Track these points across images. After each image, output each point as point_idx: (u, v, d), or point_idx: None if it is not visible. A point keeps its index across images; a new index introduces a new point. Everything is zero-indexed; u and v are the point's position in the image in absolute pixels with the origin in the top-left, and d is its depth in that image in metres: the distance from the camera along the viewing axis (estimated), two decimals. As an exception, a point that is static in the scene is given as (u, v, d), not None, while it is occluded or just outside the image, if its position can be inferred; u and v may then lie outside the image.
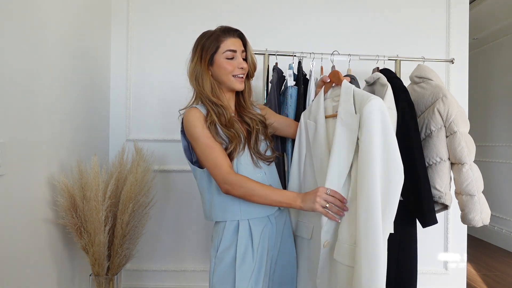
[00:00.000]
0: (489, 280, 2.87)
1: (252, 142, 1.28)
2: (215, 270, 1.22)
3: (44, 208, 1.56)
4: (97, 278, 1.70)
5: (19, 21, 1.38)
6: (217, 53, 1.24)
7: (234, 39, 1.26)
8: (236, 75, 1.26)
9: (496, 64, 3.89)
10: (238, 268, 1.18)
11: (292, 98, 1.70)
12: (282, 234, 1.32)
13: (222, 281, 1.20)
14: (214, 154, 1.19)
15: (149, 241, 2.29)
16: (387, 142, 1.12)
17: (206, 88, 1.25)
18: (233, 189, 1.17)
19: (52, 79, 1.62)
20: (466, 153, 1.44)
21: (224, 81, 1.27)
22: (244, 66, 1.27)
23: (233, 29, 1.27)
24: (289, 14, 2.35)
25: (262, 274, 1.22)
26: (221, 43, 1.24)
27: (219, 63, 1.25)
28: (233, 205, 1.23)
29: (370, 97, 1.16)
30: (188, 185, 2.33)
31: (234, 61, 1.25)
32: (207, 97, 1.24)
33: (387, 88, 1.39)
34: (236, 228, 1.22)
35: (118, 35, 2.32)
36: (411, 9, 2.37)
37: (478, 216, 1.47)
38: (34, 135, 1.48)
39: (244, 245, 1.20)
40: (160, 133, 2.34)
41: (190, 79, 1.28)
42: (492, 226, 3.85)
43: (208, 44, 1.25)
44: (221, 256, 1.21)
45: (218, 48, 1.24)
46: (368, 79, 1.53)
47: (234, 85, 1.27)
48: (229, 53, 1.24)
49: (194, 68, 1.26)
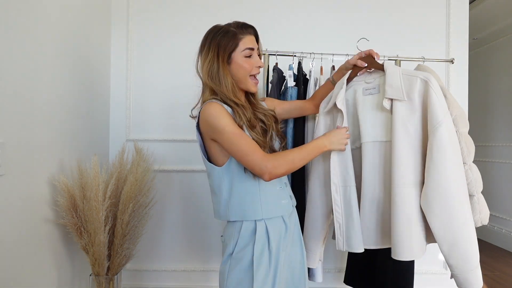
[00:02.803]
0: (489, 280, 2.87)
1: (267, 139, 1.25)
2: (230, 271, 1.18)
3: (44, 208, 1.56)
4: (97, 278, 1.70)
5: (19, 22, 1.38)
6: (235, 51, 1.19)
7: (251, 37, 1.22)
8: (254, 75, 1.24)
9: (496, 64, 3.89)
10: (256, 270, 1.15)
11: (292, 98, 1.70)
12: (293, 234, 1.32)
13: (238, 282, 1.16)
14: (244, 141, 1.12)
15: (149, 241, 2.29)
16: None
17: (227, 87, 1.19)
18: (276, 169, 1.13)
19: (52, 79, 1.62)
20: (466, 153, 1.44)
21: (241, 81, 1.23)
22: (261, 64, 1.24)
23: (249, 26, 1.23)
24: (289, 14, 2.35)
25: (277, 276, 1.19)
26: (239, 40, 1.19)
27: (239, 62, 1.20)
28: (253, 205, 1.19)
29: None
30: (188, 185, 2.34)
31: (252, 59, 1.22)
32: (227, 96, 1.18)
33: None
34: (253, 229, 1.19)
35: (118, 35, 2.32)
36: (411, 9, 2.37)
37: (477, 216, 1.47)
38: (34, 135, 1.48)
39: (261, 246, 1.18)
40: (160, 133, 2.34)
41: (204, 76, 1.22)
42: (492, 226, 3.85)
43: (226, 42, 1.18)
44: (238, 256, 1.18)
45: (237, 46, 1.19)
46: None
47: (250, 87, 1.25)
48: (248, 51, 1.20)
49: (210, 66, 1.20)
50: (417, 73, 1.27)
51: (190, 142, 2.31)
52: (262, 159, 1.12)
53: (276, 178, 1.18)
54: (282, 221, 1.25)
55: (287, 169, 1.16)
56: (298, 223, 1.37)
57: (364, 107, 1.36)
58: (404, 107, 1.26)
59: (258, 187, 1.20)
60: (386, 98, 1.27)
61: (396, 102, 1.27)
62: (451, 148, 1.20)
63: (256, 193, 1.20)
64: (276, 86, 1.78)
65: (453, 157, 1.20)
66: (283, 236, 1.25)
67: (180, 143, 2.33)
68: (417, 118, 1.26)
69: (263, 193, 1.21)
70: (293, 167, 1.18)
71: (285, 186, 1.30)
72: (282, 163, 1.14)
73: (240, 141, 1.12)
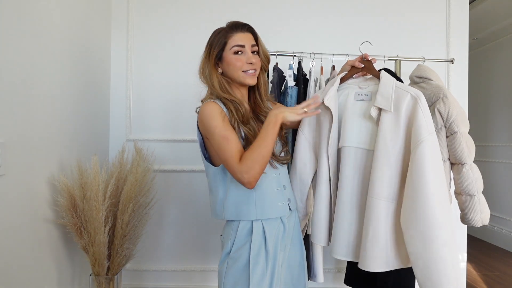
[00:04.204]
0: (489, 280, 2.87)
1: None
2: (228, 270, 1.19)
3: (44, 208, 1.56)
4: (97, 278, 1.70)
5: (19, 22, 1.38)
6: (224, 50, 1.22)
7: (242, 34, 1.23)
8: (246, 71, 1.23)
9: (496, 64, 3.89)
10: (252, 269, 1.16)
11: (292, 98, 1.70)
12: (292, 235, 1.32)
13: (235, 282, 1.17)
14: (229, 146, 1.14)
15: (149, 241, 2.29)
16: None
17: (215, 85, 1.23)
18: (250, 173, 1.12)
19: (52, 79, 1.62)
20: (467, 153, 1.44)
21: (234, 77, 1.24)
22: (253, 61, 1.23)
23: (241, 24, 1.25)
24: (289, 14, 2.35)
25: (275, 276, 1.20)
26: (228, 39, 1.22)
27: (228, 60, 1.23)
28: (247, 205, 1.20)
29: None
30: (188, 185, 2.34)
31: (243, 56, 1.22)
32: (218, 93, 1.23)
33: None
34: (250, 229, 1.20)
35: (118, 35, 2.32)
36: (411, 9, 2.37)
37: (478, 216, 1.47)
38: (34, 135, 1.48)
39: (257, 246, 1.18)
40: (160, 133, 2.34)
41: (200, 75, 1.27)
42: (492, 226, 3.85)
43: (216, 41, 1.23)
44: (235, 256, 1.19)
45: (225, 44, 1.22)
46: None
47: (245, 80, 1.24)
48: (236, 48, 1.22)
49: (203, 65, 1.26)
50: (410, 89, 1.24)
51: (190, 142, 2.31)
52: (238, 169, 1.12)
53: (259, 177, 1.16)
54: (280, 221, 1.26)
55: (260, 165, 1.13)
56: (298, 224, 1.37)
57: (353, 112, 1.34)
58: (390, 119, 1.23)
59: (253, 189, 1.20)
60: (374, 106, 1.25)
61: (383, 113, 1.24)
62: (431, 167, 1.15)
63: (251, 194, 1.21)
64: (276, 86, 1.78)
65: (433, 178, 1.15)
66: (281, 237, 1.25)
67: (180, 143, 2.33)
68: (400, 133, 1.22)
69: (258, 194, 1.21)
70: (263, 160, 1.14)
71: (284, 188, 1.29)
72: (252, 164, 1.12)
73: (225, 146, 1.14)
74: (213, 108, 1.18)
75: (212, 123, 1.16)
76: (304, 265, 1.36)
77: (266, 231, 1.20)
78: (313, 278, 1.68)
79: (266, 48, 1.32)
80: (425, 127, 1.17)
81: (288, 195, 1.31)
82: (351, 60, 1.40)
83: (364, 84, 1.36)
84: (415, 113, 1.19)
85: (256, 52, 1.26)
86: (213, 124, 1.16)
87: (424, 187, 1.14)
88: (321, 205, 1.37)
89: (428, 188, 1.14)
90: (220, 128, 1.15)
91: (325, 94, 1.34)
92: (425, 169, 1.14)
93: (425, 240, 1.14)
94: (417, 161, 1.15)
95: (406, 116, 1.22)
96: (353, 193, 1.31)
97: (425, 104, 1.21)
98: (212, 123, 1.16)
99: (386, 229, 1.23)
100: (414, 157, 1.17)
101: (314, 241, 1.41)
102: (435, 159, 1.18)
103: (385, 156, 1.22)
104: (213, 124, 1.16)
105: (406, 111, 1.22)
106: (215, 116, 1.17)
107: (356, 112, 1.33)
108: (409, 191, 1.18)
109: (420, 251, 1.15)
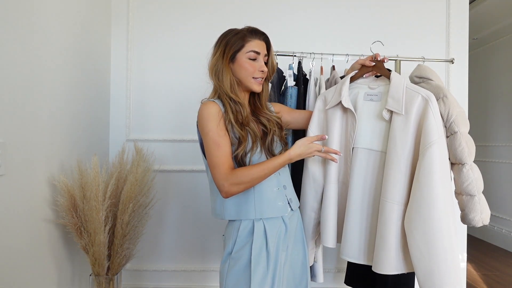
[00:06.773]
0: (489, 280, 2.87)
1: (267, 143, 1.26)
2: (229, 270, 1.19)
3: (44, 208, 1.56)
4: (97, 278, 1.70)
5: (19, 22, 1.38)
6: (240, 52, 1.24)
7: (259, 42, 1.26)
8: (256, 78, 1.25)
9: (496, 64, 3.89)
10: (254, 270, 1.16)
11: (292, 98, 1.70)
12: (294, 235, 1.32)
13: (236, 282, 1.18)
14: (218, 152, 1.16)
15: (149, 241, 2.29)
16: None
17: (225, 84, 1.23)
18: (232, 188, 1.15)
19: (52, 79, 1.62)
20: (467, 153, 1.44)
21: (243, 81, 1.26)
22: (264, 69, 1.26)
23: (260, 32, 1.27)
24: (289, 14, 2.35)
25: (276, 276, 1.20)
26: (246, 42, 1.23)
27: (241, 62, 1.24)
28: (247, 204, 1.21)
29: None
30: (188, 185, 2.33)
31: (256, 63, 1.25)
32: (226, 93, 1.23)
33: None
34: (251, 229, 1.21)
35: (118, 35, 2.32)
36: (411, 9, 2.37)
37: (478, 216, 1.46)
38: (34, 135, 1.48)
39: (259, 246, 1.19)
40: (160, 133, 2.34)
41: (210, 73, 1.27)
42: (492, 226, 3.85)
43: (233, 41, 1.23)
44: (237, 256, 1.20)
45: (242, 47, 1.23)
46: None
47: (252, 86, 1.26)
48: (252, 53, 1.23)
49: (215, 63, 1.25)
50: (420, 90, 1.23)
51: (190, 142, 2.31)
52: (223, 177, 1.15)
53: (236, 194, 1.18)
54: (282, 221, 1.26)
55: (248, 186, 1.17)
56: (301, 224, 1.37)
57: (363, 113, 1.33)
58: (400, 121, 1.23)
59: (252, 187, 1.21)
60: (386, 109, 1.25)
61: (395, 116, 1.24)
62: (440, 171, 1.14)
63: (250, 193, 1.22)
64: (276, 86, 1.77)
65: (441, 182, 1.14)
66: (283, 236, 1.25)
67: (180, 143, 2.33)
68: (410, 135, 1.21)
69: (257, 193, 1.22)
70: (253, 183, 1.17)
71: (284, 188, 1.29)
72: (243, 180, 1.14)
73: (214, 151, 1.17)
74: (211, 109, 1.20)
75: (207, 126, 1.18)
76: (307, 265, 1.36)
77: (267, 231, 1.21)
78: (313, 278, 1.68)
79: (275, 60, 1.34)
80: (435, 130, 1.16)
81: (289, 195, 1.31)
82: (362, 59, 1.39)
83: (374, 84, 1.36)
84: (425, 115, 1.18)
85: (266, 62, 1.29)
86: (207, 126, 1.18)
87: (432, 191, 1.13)
88: (329, 206, 1.36)
89: (436, 192, 1.13)
90: (214, 132, 1.17)
91: (338, 94, 1.33)
92: (433, 173, 1.13)
93: (428, 243, 1.14)
94: (426, 164, 1.14)
95: (416, 118, 1.21)
96: (364, 195, 1.30)
97: (435, 105, 1.20)
98: (207, 125, 1.18)
99: (397, 233, 1.22)
100: (423, 160, 1.16)
101: (323, 243, 1.39)
102: (444, 162, 1.17)
103: (396, 158, 1.21)
104: (207, 126, 1.18)
105: (417, 113, 1.21)
106: (211, 119, 1.18)
107: (367, 113, 1.32)
108: (416, 194, 1.17)
109: (423, 254, 1.15)
